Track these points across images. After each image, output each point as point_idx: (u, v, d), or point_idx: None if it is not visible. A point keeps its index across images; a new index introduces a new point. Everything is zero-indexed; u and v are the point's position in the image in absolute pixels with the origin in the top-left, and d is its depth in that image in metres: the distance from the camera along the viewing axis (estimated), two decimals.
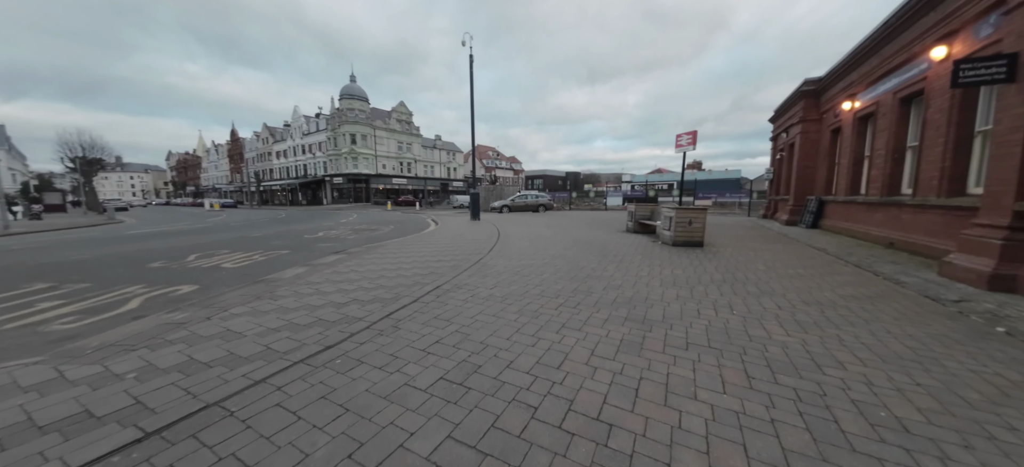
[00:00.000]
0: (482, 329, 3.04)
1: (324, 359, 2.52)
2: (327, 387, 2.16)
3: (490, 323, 3.18)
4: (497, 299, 3.90)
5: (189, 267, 6.34)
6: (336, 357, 2.55)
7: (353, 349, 2.67)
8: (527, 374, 2.31)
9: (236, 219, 22.27)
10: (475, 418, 1.86)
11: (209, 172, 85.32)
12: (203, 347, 2.73)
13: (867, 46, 9.49)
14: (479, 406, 1.96)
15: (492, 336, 2.91)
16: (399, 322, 3.20)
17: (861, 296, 4.42)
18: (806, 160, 13.71)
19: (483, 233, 10.28)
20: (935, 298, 4.39)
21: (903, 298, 4.39)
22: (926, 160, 7.31)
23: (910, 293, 4.63)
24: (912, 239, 7.41)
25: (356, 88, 47.17)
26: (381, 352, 2.62)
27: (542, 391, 2.11)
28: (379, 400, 2.02)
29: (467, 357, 2.54)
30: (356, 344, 2.75)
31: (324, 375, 2.30)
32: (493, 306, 3.64)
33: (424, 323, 3.18)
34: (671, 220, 8.42)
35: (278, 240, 10.00)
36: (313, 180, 52.10)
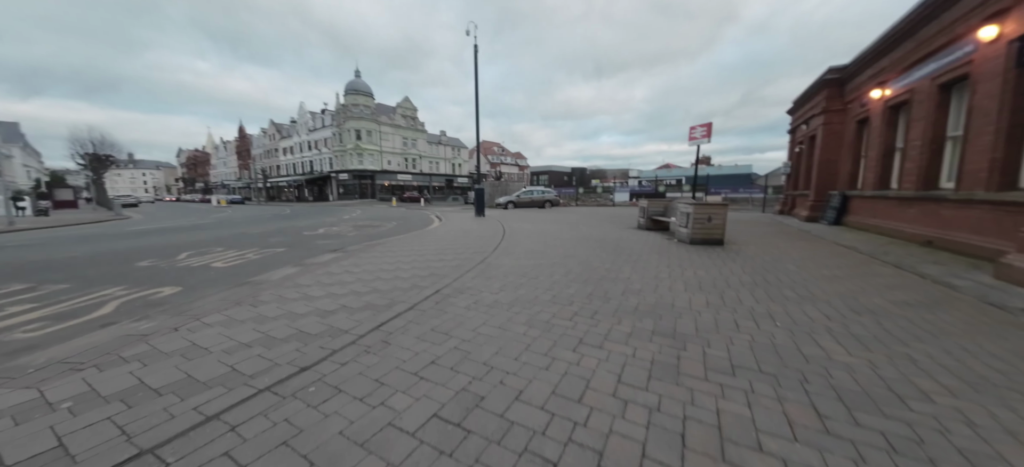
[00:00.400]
0: (486, 345, 2.60)
1: (296, 385, 2.10)
2: (292, 427, 1.73)
3: (495, 338, 2.74)
4: (503, 306, 3.46)
5: (178, 266, 6.00)
6: (310, 383, 2.13)
7: (332, 372, 2.24)
8: (541, 410, 1.87)
9: (240, 215, 22.13)
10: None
11: (218, 169, 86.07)
12: (159, 368, 2.33)
13: (901, 29, 8.80)
14: (481, 461, 1.52)
15: (498, 355, 2.46)
16: (390, 336, 2.77)
17: (915, 303, 3.90)
18: (828, 153, 13.00)
19: (488, 230, 9.85)
20: (1000, 306, 3.85)
21: (963, 305, 3.86)
22: (972, 151, 6.67)
23: (968, 299, 4.09)
24: (954, 237, 6.79)
25: (361, 83, 46.88)
26: (365, 377, 2.19)
27: (561, 437, 1.66)
28: (353, 449, 1.59)
29: (467, 384, 2.10)
30: (336, 365, 2.32)
31: (291, 409, 1.88)
32: (499, 315, 3.20)
33: (419, 337, 2.75)
34: (688, 216, 7.89)
35: (277, 237, 9.67)
36: (319, 176, 52.10)
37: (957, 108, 7.61)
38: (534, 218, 14.41)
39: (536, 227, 10.81)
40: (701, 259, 5.93)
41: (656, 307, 3.50)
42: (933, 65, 7.92)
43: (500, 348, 2.56)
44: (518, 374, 2.21)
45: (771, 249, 7.11)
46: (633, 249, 6.87)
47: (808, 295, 4.06)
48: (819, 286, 4.42)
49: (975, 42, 6.69)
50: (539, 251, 6.54)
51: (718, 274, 4.93)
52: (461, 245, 7.19)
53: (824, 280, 4.73)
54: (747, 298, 3.88)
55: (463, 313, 3.26)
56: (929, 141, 7.98)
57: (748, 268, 5.33)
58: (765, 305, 3.66)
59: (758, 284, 4.46)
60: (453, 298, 3.69)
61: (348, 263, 5.39)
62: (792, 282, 4.58)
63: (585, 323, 3.05)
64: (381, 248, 6.81)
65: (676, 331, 2.91)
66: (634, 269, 5.17)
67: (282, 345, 2.60)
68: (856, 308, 3.68)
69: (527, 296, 3.78)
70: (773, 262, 5.80)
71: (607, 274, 4.80)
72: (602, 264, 5.45)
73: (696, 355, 2.52)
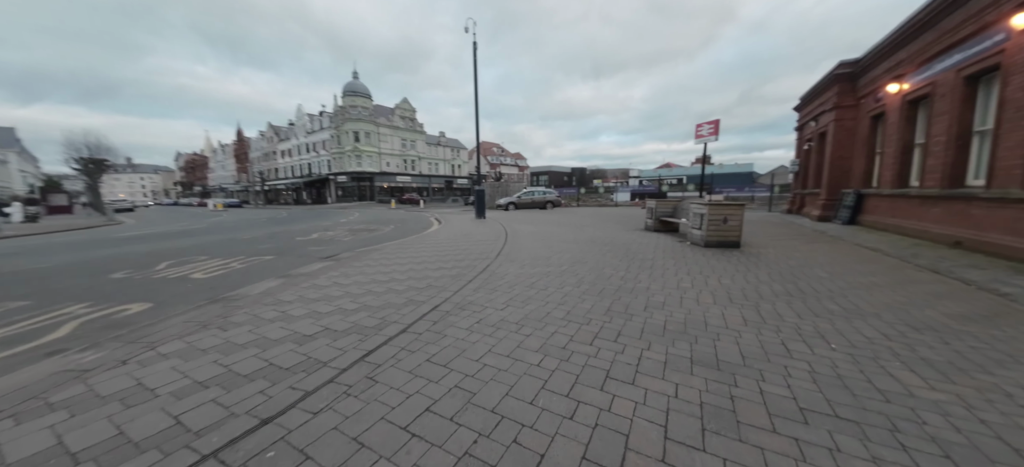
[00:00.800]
0: (493, 384, 2.14)
1: (251, 446, 1.64)
2: None
3: (504, 372, 2.28)
4: (511, 327, 3.00)
5: (154, 278, 5.53)
6: (269, 444, 1.67)
7: (300, 426, 1.78)
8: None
9: (234, 219, 21.64)
10: None
11: (216, 172, 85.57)
12: (86, 422, 1.87)
13: (921, 19, 8.37)
14: None
15: (508, 397, 2.00)
16: (378, 370, 2.30)
17: (973, 316, 3.45)
18: (841, 150, 12.56)
19: (489, 233, 9.39)
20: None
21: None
22: (1005, 146, 6.23)
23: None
24: (987, 238, 6.35)
25: (359, 85, 46.43)
26: (341, 433, 1.72)
27: None
28: None
29: (472, 444, 1.64)
30: (307, 415, 1.86)
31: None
32: (507, 340, 2.74)
33: (412, 371, 2.29)
34: (702, 218, 7.45)
35: (267, 243, 9.19)
36: (317, 179, 51.59)
37: (984, 101, 7.18)
38: (536, 220, 13.95)
39: (539, 229, 10.35)
40: (722, 265, 5.48)
41: (687, 326, 3.04)
42: (958, 56, 7.48)
43: (511, 387, 2.10)
44: (536, 428, 1.75)
45: (793, 252, 6.67)
46: (645, 253, 6.41)
47: (853, 308, 3.61)
48: (861, 297, 3.97)
49: (1007, 30, 6.26)
50: (545, 257, 6.09)
51: (745, 283, 4.48)
52: (461, 251, 6.73)
53: (863, 289, 4.28)
54: (787, 312, 3.43)
55: (465, 336, 2.80)
56: (954, 137, 7.54)
57: (776, 275, 4.88)
58: (810, 322, 3.21)
59: (793, 295, 4.01)
60: (453, 316, 3.23)
61: (338, 273, 4.93)
62: (829, 292, 4.14)
63: (609, 349, 2.60)
64: (376, 255, 6.34)
65: (719, 359, 2.46)
66: (652, 277, 4.71)
67: (245, 386, 2.14)
68: (912, 323, 3.23)
69: (537, 312, 3.32)
70: (800, 268, 5.35)
71: (623, 284, 4.34)
72: (615, 272, 4.99)
73: (752, 393, 2.06)
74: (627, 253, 6.49)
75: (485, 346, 2.62)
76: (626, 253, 6.49)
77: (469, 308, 3.44)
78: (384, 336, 2.75)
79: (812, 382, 2.22)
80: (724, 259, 5.96)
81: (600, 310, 3.41)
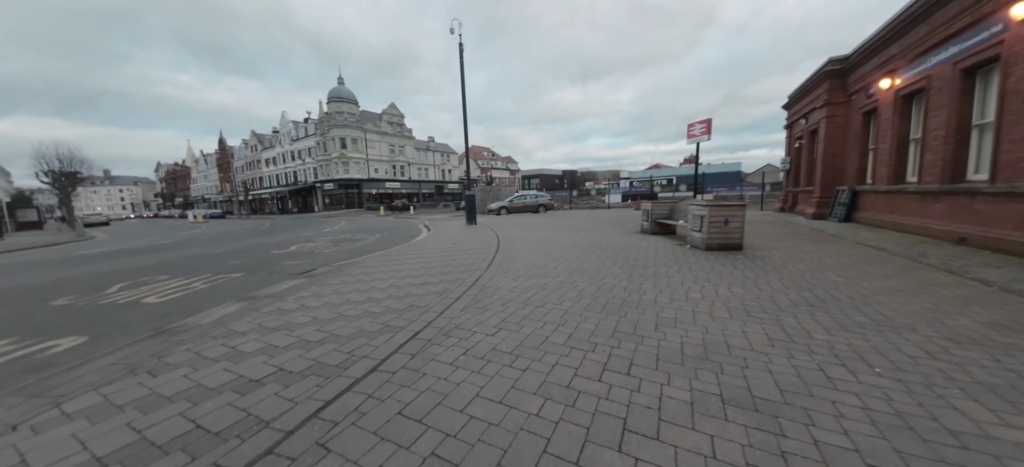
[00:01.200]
0: (482, 448, 1.66)
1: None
2: None
3: (495, 426, 1.82)
4: (504, 358, 2.55)
5: (101, 304, 4.92)
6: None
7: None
8: None
9: (212, 231, 20.72)
10: None
11: (198, 182, 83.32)
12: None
13: (913, 13, 8.24)
14: None
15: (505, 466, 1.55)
16: (333, 433, 1.81)
17: (1014, 325, 3.12)
18: (833, 147, 12.46)
19: (481, 240, 8.93)
20: None
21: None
22: (1009, 139, 6.04)
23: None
24: (995, 234, 6.14)
25: (344, 91, 45.61)
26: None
27: None
28: None
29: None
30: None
31: None
32: (499, 378, 2.28)
33: (377, 432, 1.81)
34: (702, 220, 7.12)
35: (240, 258, 8.56)
36: (303, 187, 50.43)
37: (982, 94, 7.03)
38: (529, 224, 13.54)
39: (533, 234, 9.93)
40: (728, 270, 5.12)
41: (708, 349, 2.64)
42: (954, 49, 7.34)
43: (504, 452, 1.63)
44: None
45: (798, 254, 6.37)
46: (646, 259, 6.04)
47: (882, 319, 3.26)
48: (885, 305, 3.63)
49: (1005, 21, 6.10)
50: (540, 266, 5.66)
51: (758, 291, 4.11)
52: (450, 261, 6.26)
53: (884, 295, 3.95)
54: (813, 327, 3.05)
55: (448, 375, 2.34)
56: (953, 130, 7.37)
57: (788, 281, 4.54)
58: (842, 338, 2.83)
59: (813, 305, 3.65)
60: (435, 346, 2.76)
61: (309, 293, 4.40)
62: (850, 300, 3.79)
63: (622, 386, 2.16)
64: (356, 269, 5.82)
65: (754, 395, 2.05)
66: (657, 287, 4.32)
67: (157, 464, 1.64)
68: (951, 336, 2.88)
69: (534, 338, 2.87)
70: (811, 272, 5.02)
71: (628, 297, 3.93)
72: (618, 281, 4.59)
73: (805, 445, 1.65)
74: (627, 259, 6.11)
75: (472, 388, 2.16)
76: (626, 259, 6.10)
77: (455, 334, 2.97)
78: (348, 379, 2.27)
79: (870, 424, 1.82)
80: (729, 263, 5.61)
81: (606, 331, 2.99)
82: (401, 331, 3.04)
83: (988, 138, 6.82)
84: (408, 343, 2.81)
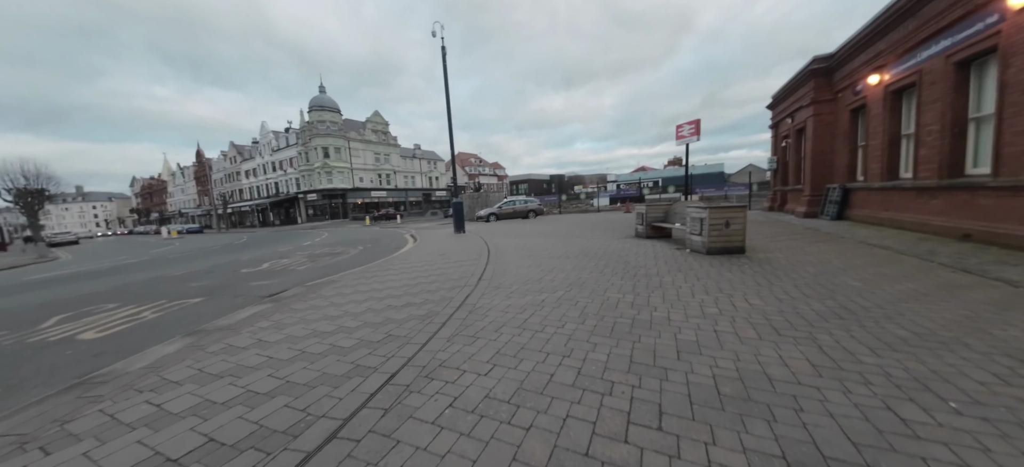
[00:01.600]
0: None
1: None
2: None
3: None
4: (501, 410, 2.04)
5: (29, 341, 4.20)
6: None
7: None
8: None
9: (185, 248, 19.58)
10: None
11: (175, 197, 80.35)
12: None
13: (900, 8, 8.16)
14: None
15: None
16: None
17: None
18: (822, 144, 12.41)
19: (470, 250, 8.40)
20: None
21: None
22: (1012, 131, 5.87)
23: None
24: (1001, 229, 5.95)
25: (326, 99, 44.58)
26: None
27: None
28: None
29: None
30: None
31: None
32: (496, 445, 1.75)
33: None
34: (702, 223, 6.77)
35: (204, 279, 7.80)
36: (285, 198, 48.96)
37: (978, 87, 6.92)
38: (520, 231, 13.06)
39: (525, 242, 9.45)
40: (738, 277, 4.74)
41: (747, 385, 2.19)
42: (946, 42, 7.23)
43: None
44: None
45: (802, 255, 6.06)
46: (648, 267, 5.62)
47: (924, 331, 2.88)
48: (919, 314, 3.27)
49: (1001, 11, 5.97)
50: (535, 279, 5.17)
51: (778, 302, 3.71)
52: (436, 277, 5.71)
53: (910, 300, 3.61)
54: (856, 348, 2.64)
55: (428, 441, 1.81)
56: (949, 124, 7.23)
57: (804, 288, 4.16)
58: (894, 360, 2.43)
59: (842, 317, 3.26)
60: (415, 394, 2.24)
61: (270, 323, 3.80)
62: (880, 309, 3.42)
63: (657, 447, 1.68)
64: (330, 289, 5.22)
65: (825, 456, 1.59)
66: (667, 300, 3.88)
67: None
68: (1010, 352, 2.52)
69: (537, 377, 2.37)
70: (823, 276, 4.68)
71: (638, 315, 3.48)
72: (622, 295, 4.13)
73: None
74: (627, 267, 5.68)
75: (461, 464, 1.64)
76: (626, 267, 5.67)
77: (439, 376, 2.44)
78: (296, 455, 1.72)
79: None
80: (736, 269, 5.24)
81: (620, 362, 2.51)
82: (374, 373, 2.50)
83: (986, 131, 6.69)
84: (381, 392, 2.27)
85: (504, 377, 2.38)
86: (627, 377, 2.32)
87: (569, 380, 2.31)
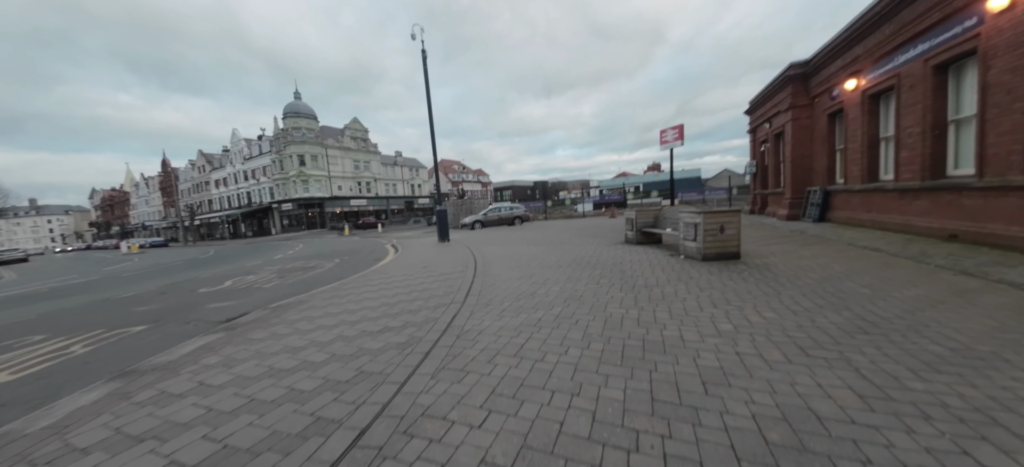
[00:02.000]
0: None
1: None
2: None
3: None
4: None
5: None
6: None
7: None
8: None
9: (144, 264, 18.11)
10: None
11: (139, 208, 75.83)
12: None
13: (876, 13, 8.30)
14: None
15: None
16: None
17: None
18: (801, 148, 12.61)
19: (455, 262, 7.89)
20: None
21: None
22: (996, 132, 5.91)
23: None
24: (989, 229, 5.96)
25: (302, 106, 43.10)
26: None
27: None
28: None
29: None
30: None
31: None
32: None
33: None
34: (697, 228, 6.54)
35: (153, 302, 6.94)
36: (258, 208, 46.82)
37: (956, 89, 7.02)
38: (507, 239, 12.62)
39: (513, 251, 9.01)
40: (742, 286, 4.46)
41: (794, 425, 1.82)
42: (923, 46, 7.33)
43: None
44: None
45: (797, 260, 5.90)
46: (646, 276, 5.29)
47: (959, 346, 2.62)
48: (943, 323, 3.04)
49: (981, 14, 6.04)
50: (528, 293, 4.74)
51: (793, 316, 3.41)
52: (418, 294, 5.20)
53: (927, 308, 3.40)
54: (895, 369, 2.34)
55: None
56: (930, 126, 7.31)
57: (813, 297, 3.91)
58: (945, 386, 2.13)
59: (865, 331, 2.98)
60: (389, 462, 1.75)
61: (218, 359, 3.20)
62: (900, 319, 3.17)
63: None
64: (296, 312, 4.61)
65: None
66: (674, 315, 3.53)
67: None
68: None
69: (543, 427, 1.92)
70: (829, 282, 4.46)
71: (647, 334, 3.10)
72: (626, 311, 3.76)
73: None
74: (624, 277, 5.33)
75: None
76: (623, 277, 5.33)
77: (421, 431, 1.96)
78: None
79: None
80: (737, 276, 4.98)
81: (641, 404, 2.10)
82: (338, 431, 1.98)
83: (966, 132, 6.78)
84: (345, 458, 1.77)
85: (503, 429, 1.92)
86: (652, 423, 1.91)
87: (583, 430, 1.88)
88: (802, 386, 2.21)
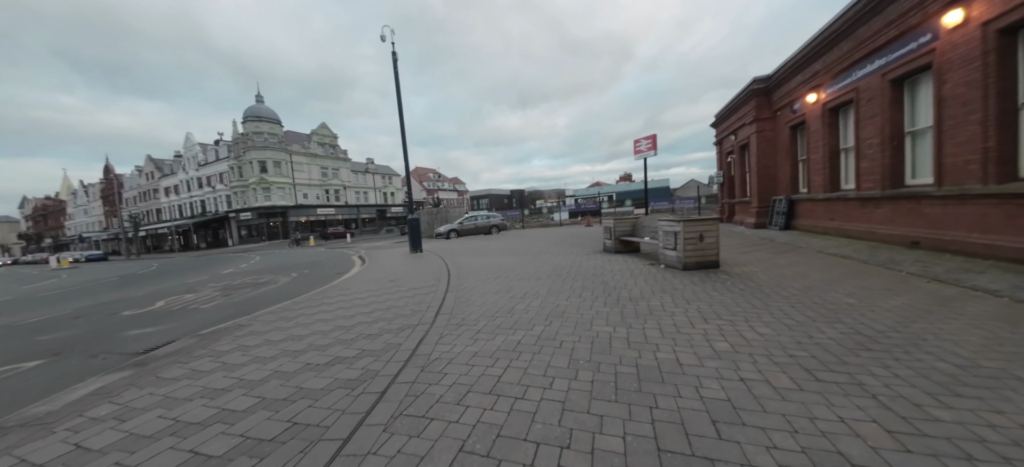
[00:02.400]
0: None
1: None
2: None
3: None
4: None
5: None
6: None
7: None
8: None
9: (71, 282, 16.01)
10: None
11: (77, 219, 68.76)
12: None
13: (836, 29, 8.66)
14: None
15: None
16: None
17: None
18: (765, 159, 13.03)
19: (427, 274, 7.31)
20: None
21: None
22: (953, 142, 6.14)
23: None
24: (950, 236, 6.16)
25: (264, 109, 40.81)
26: None
27: None
28: None
29: None
30: None
31: None
32: None
33: None
34: (676, 237, 6.38)
35: (63, 328, 5.85)
36: (213, 218, 43.57)
37: (911, 102, 7.35)
38: (483, 248, 12.12)
39: (490, 262, 8.54)
40: (728, 298, 4.23)
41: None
42: (880, 61, 7.66)
43: None
44: None
45: (775, 268, 5.84)
46: (630, 288, 4.99)
47: (967, 363, 2.44)
48: (940, 337, 2.89)
49: (935, 30, 6.33)
50: (507, 309, 4.29)
51: (788, 331, 3.17)
52: (382, 313, 4.61)
53: (917, 319, 3.29)
54: (915, 395, 2.09)
55: None
56: (888, 138, 7.60)
57: (801, 309, 3.73)
58: (972, 415, 1.88)
59: (867, 347, 2.77)
60: None
61: (112, 409, 2.50)
62: (896, 332, 3.01)
63: None
64: (228, 341, 3.89)
65: None
66: (666, 335, 3.19)
67: None
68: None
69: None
70: (812, 292, 4.33)
71: (640, 359, 2.73)
72: (613, 329, 3.39)
73: None
74: (607, 289, 5.00)
75: None
76: (606, 289, 5.00)
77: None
78: None
79: None
80: (721, 287, 4.78)
81: (647, 458, 1.69)
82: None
83: (923, 143, 7.07)
84: None
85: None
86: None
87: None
88: (823, 422, 1.90)
